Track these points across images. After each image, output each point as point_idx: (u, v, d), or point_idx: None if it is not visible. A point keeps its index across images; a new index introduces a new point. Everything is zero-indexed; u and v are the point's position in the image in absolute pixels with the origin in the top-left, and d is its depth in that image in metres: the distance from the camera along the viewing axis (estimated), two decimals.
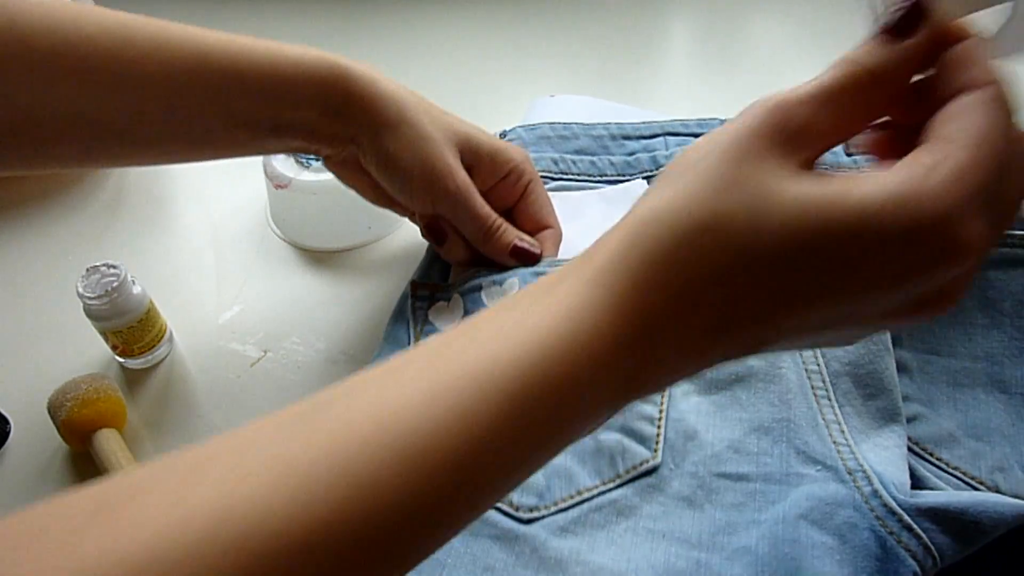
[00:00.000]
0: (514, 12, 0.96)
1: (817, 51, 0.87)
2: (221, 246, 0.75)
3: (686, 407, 0.52)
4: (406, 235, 0.74)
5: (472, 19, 0.96)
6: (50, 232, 0.78)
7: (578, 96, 0.79)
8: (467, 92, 0.88)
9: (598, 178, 0.65)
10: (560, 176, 0.66)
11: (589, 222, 0.62)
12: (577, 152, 0.67)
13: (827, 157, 0.64)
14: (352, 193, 0.71)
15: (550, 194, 0.65)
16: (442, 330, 0.58)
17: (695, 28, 0.92)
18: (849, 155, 0.64)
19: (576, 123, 0.69)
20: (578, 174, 0.66)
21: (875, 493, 0.47)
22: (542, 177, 0.66)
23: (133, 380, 0.66)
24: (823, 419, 0.51)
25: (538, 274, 0.58)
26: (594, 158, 0.66)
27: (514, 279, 0.58)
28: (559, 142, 0.68)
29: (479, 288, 0.58)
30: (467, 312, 0.58)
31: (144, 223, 0.78)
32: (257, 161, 0.78)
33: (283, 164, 0.72)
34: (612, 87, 0.85)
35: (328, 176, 0.71)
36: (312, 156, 0.71)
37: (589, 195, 0.64)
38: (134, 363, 0.66)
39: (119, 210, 0.80)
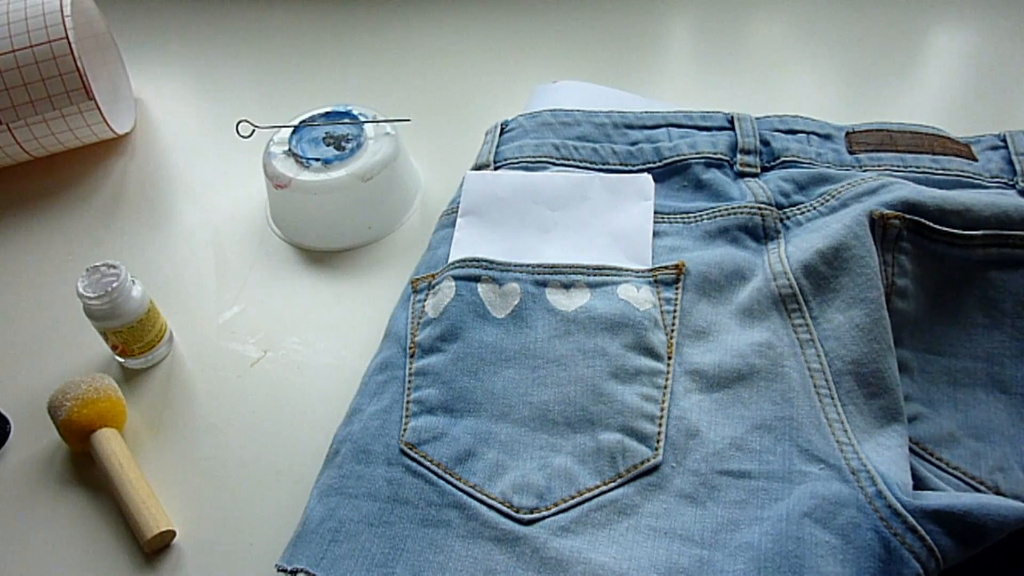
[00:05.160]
0: (515, 3, 0.96)
1: (818, 44, 0.87)
2: (221, 246, 0.75)
3: (687, 405, 0.52)
4: (406, 235, 0.74)
5: (473, 10, 0.96)
6: (50, 232, 0.78)
7: (580, 82, 0.78)
8: (469, 83, 0.88)
9: (600, 166, 0.65)
10: (562, 162, 0.66)
11: (593, 208, 0.62)
12: (579, 139, 0.67)
13: (829, 155, 0.64)
14: (352, 193, 0.71)
15: (554, 171, 0.65)
16: (431, 315, 0.58)
17: (697, 20, 0.92)
18: (852, 153, 0.64)
19: (578, 110, 0.68)
20: (580, 160, 0.66)
21: (879, 494, 0.47)
22: (543, 163, 0.66)
23: (133, 380, 0.66)
24: (826, 418, 0.51)
25: (539, 282, 0.58)
26: (596, 145, 0.66)
27: (515, 284, 0.58)
28: (561, 128, 0.67)
29: (476, 279, 0.58)
30: (459, 296, 0.58)
31: (144, 223, 0.78)
32: (257, 161, 0.78)
33: (283, 164, 0.72)
34: (614, 78, 0.85)
35: (328, 176, 0.71)
36: (312, 156, 0.71)
37: (593, 178, 0.64)
38: (134, 363, 0.66)
39: (119, 210, 0.80)
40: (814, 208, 0.60)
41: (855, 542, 0.45)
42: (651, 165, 0.65)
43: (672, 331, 0.55)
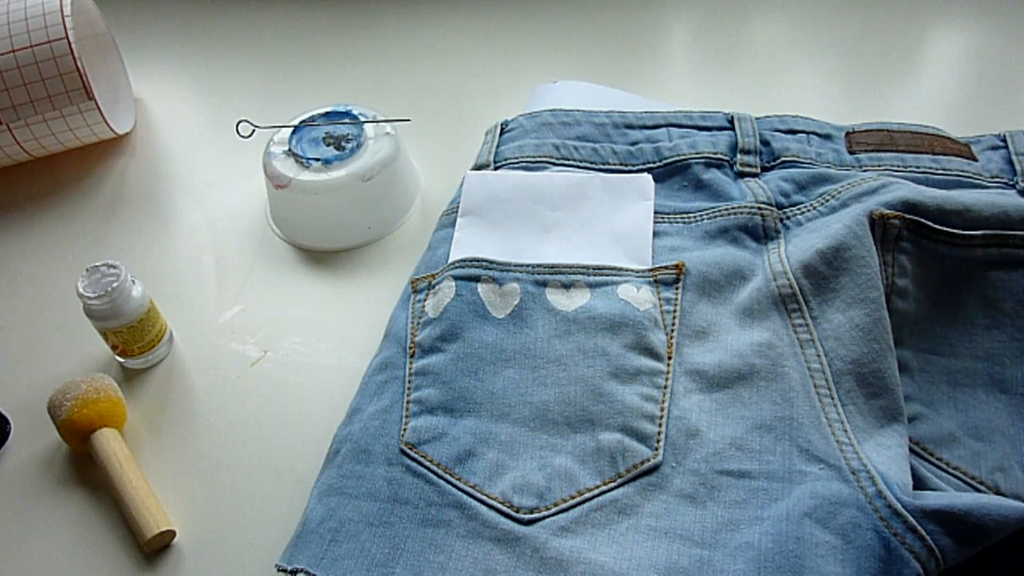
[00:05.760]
0: (515, 3, 0.96)
1: (818, 44, 0.87)
2: (221, 246, 0.75)
3: (687, 405, 0.52)
4: (406, 235, 0.74)
5: (473, 10, 0.96)
6: (50, 232, 0.78)
7: (580, 82, 0.78)
8: (469, 83, 0.88)
9: (600, 166, 0.65)
10: (562, 162, 0.66)
11: (593, 208, 0.62)
12: (579, 139, 0.67)
13: (829, 155, 0.64)
14: (352, 193, 0.71)
15: (554, 172, 0.65)
16: (431, 315, 0.58)
17: (697, 20, 0.92)
18: (852, 153, 0.64)
19: (578, 110, 0.69)
20: (580, 160, 0.66)
21: (879, 494, 0.47)
22: (543, 163, 0.66)
23: (133, 380, 0.66)
24: (826, 418, 0.51)
25: (539, 282, 0.58)
26: (596, 145, 0.66)
27: (515, 284, 0.58)
28: (561, 128, 0.68)
29: (476, 279, 0.58)
30: (459, 296, 0.58)
31: (144, 223, 0.78)
32: (257, 161, 0.78)
33: (283, 164, 0.72)
34: (614, 78, 0.85)
35: (328, 176, 0.71)
36: (312, 156, 0.71)
37: (593, 178, 0.64)
38: (134, 363, 0.66)
39: (119, 210, 0.80)
40: (814, 208, 0.60)
41: (855, 542, 0.45)
42: (651, 165, 0.65)
43: (672, 331, 0.55)
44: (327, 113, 0.74)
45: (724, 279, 0.57)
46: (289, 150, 0.72)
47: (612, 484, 0.50)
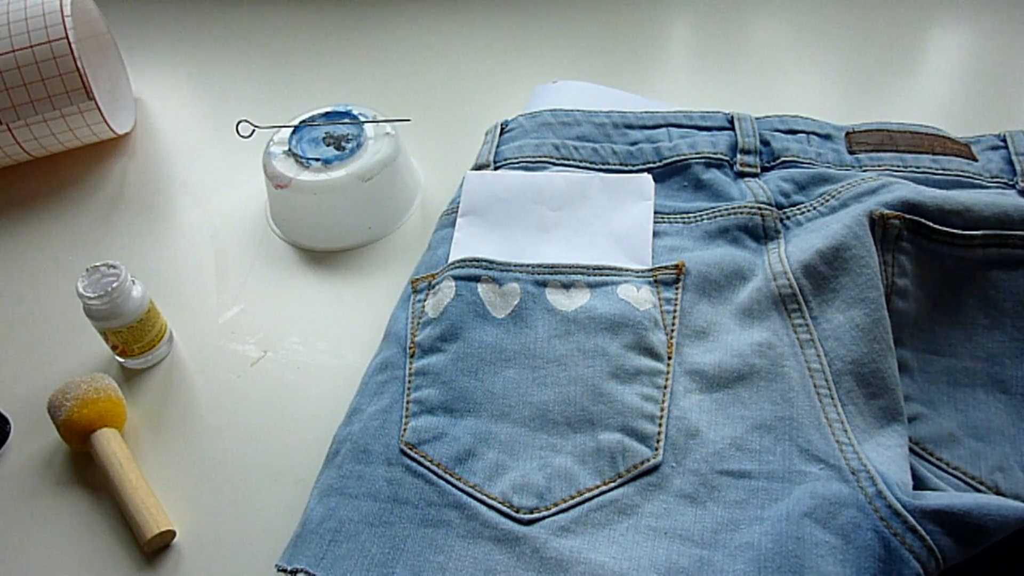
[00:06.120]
0: (515, 3, 0.96)
1: (818, 44, 0.87)
2: (221, 246, 0.75)
3: (687, 405, 0.52)
4: (406, 235, 0.74)
5: (473, 10, 0.96)
6: (50, 232, 0.78)
7: (580, 82, 0.78)
8: (469, 83, 0.88)
9: (600, 166, 0.65)
10: (562, 162, 0.66)
11: (593, 208, 0.62)
12: (579, 139, 0.67)
13: (829, 155, 0.64)
14: (352, 193, 0.71)
15: (554, 172, 0.65)
16: (431, 315, 0.58)
17: (697, 20, 0.92)
18: (852, 153, 0.64)
19: (578, 110, 0.69)
20: (580, 160, 0.66)
21: (879, 494, 0.47)
22: (543, 163, 0.66)
23: (133, 380, 0.66)
24: (826, 418, 0.51)
25: (539, 282, 0.58)
26: (596, 145, 0.66)
27: (515, 284, 0.58)
28: (560, 128, 0.68)
29: (477, 279, 0.58)
30: (459, 297, 0.58)
31: (144, 223, 0.78)
32: (257, 161, 0.78)
33: (283, 164, 0.72)
34: (614, 78, 0.85)
35: (328, 176, 0.71)
36: (312, 156, 0.71)
37: (593, 178, 0.64)
38: (134, 363, 0.66)
39: (119, 210, 0.80)
40: (814, 208, 0.60)
41: (855, 542, 0.45)
42: (651, 165, 0.65)
43: (672, 331, 0.55)
44: (327, 113, 0.74)
45: (724, 279, 0.57)
46: (289, 150, 0.72)
47: (612, 484, 0.50)
